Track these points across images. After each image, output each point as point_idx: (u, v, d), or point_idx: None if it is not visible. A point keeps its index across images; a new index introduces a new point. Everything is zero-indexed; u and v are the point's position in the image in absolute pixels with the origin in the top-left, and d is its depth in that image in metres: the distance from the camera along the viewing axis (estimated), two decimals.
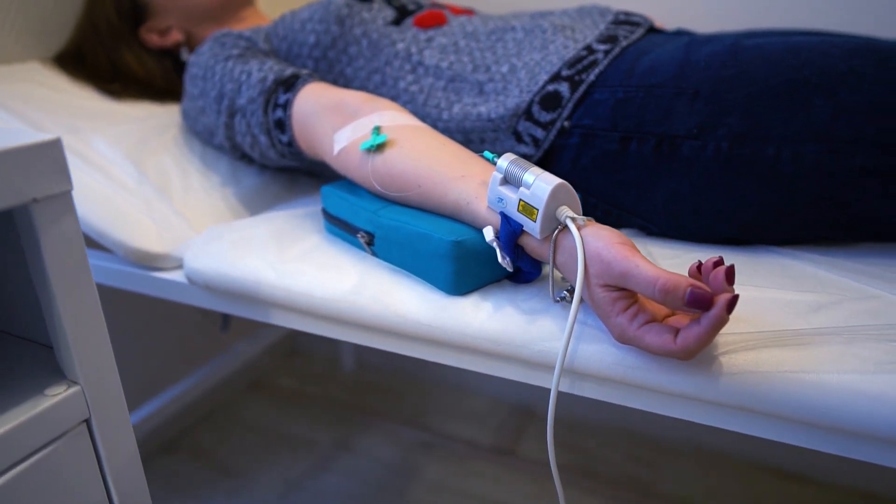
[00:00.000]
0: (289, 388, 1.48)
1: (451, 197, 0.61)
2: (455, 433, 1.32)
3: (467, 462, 1.24)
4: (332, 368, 1.55)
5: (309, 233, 0.73)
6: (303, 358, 1.60)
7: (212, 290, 0.71)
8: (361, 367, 1.55)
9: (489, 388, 1.44)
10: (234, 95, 0.80)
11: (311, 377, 1.53)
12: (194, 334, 1.36)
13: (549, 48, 0.78)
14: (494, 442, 1.29)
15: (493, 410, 1.39)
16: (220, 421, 1.36)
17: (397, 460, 1.25)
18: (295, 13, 0.88)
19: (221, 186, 0.86)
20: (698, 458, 1.22)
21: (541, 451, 1.26)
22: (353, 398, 1.44)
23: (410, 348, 0.61)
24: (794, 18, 1.00)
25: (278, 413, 1.39)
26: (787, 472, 1.17)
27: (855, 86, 0.62)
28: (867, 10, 0.97)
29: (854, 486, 1.13)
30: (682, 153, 0.67)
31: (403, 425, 1.35)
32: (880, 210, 0.63)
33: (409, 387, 1.48)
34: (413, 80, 0.82)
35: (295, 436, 1.32)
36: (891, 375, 0.46)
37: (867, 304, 0.56)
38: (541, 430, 1.32)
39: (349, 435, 1.32)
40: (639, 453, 1.24)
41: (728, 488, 1.15)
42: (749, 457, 1.21)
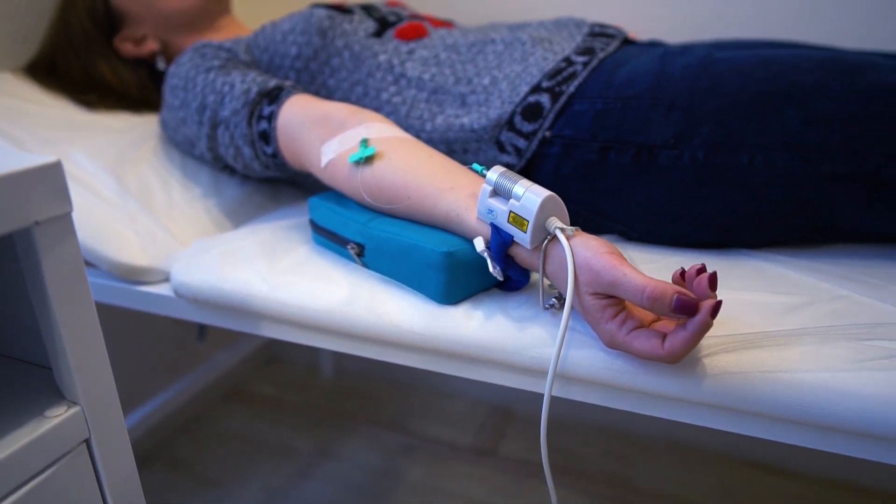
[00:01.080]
0: (268, 396, 1.48)
1: (440, 208, 0.62)
2: (436, 435, 1.34)
3: (449, 463, 1.26)
4: (310, 375, 1.55)
5: (297, 244, 0.73)
6: (281, 365, 1.60)
7: (201, 304, 0.71)
8: (340, 373, 1.56)
9: (468, 390, 1.46)
10: (216, 107, 0.80)
11: (289, 384, 1.52)
12: (170, 345, 1.34)
13: (528, 60, 0.80)
14: (475, 443, 1.31)
15: (473, 412, 1.41)
16: (198, 431, 1.35)
17: (379, 464, 1.26)
18: (276, 24, 0.88)
19: (204, 198, 0.86)
20: (674, 453, 1.26)
21: (521, 450, 1.29)
22: (333, 404, 1.45)
23: (405, 357, 0.63)
24: (759, 29, 1.04)
25: (258, 421, 1.39)
26: (757, 463, 1.22)
27: (823, 97, 0.66)
28: (823, 20, 1.02)
29: (819, 474, 1.18)
30: (659, 162, 0.70)
31: (384, 429, 1.36)
32: (847, 215, 0.67)
33: (388, 391, 1.49)
34: (396, 92, 0.83)
35: (275, 444, 1.32)
36: (860, 373, 0.50)
37: (836, 304, 0.59)
38: (520, 429, 1.34)
39: (330, 441, 1.32)
40: (616, 450, 1.27)
41: (702, 480, 1.19)
42: (722, 450, 1.25)
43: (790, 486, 1.17)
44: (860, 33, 1.00)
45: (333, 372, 1.56)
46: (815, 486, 1.16)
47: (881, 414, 0.48)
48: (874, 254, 0.69)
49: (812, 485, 1.17)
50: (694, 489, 1.17)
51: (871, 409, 0.48)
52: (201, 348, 1.42)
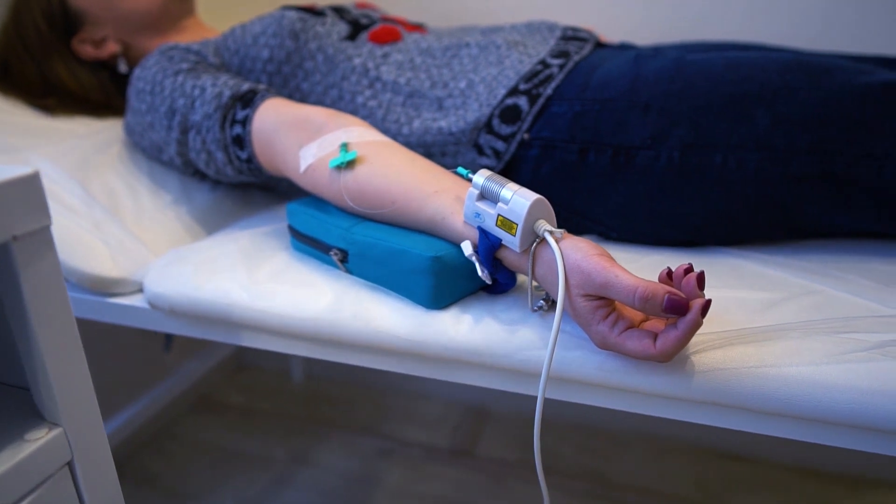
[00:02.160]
0: (238, 405, 1.45)
1: (426, 212, 0.62)
2: (412, 438, 1.33)
3: (426, 466, 1.25)
4: (281, 382, 1.53)
5: (276, 251, 0.72)
6: (250, 372, 1.56)
7: (178, 315, 0.69)
8: (311, 379, 1.54)
9: (442, 391, 1.45)
10: (186, 111, 0.78)
11: (260, 392, 1.49)
12: (136, 357, 1.30)
13: (504, 63, 0.80)
14: (452, 444, 1.31)
15: (448, 413, 1.41)
16: (168, 444, 1.32)
17: (356, 470, 1.25)
18: (245, 27, 0.86)
19: (174, 205, 0.84)
20: (649, 447, 1.28)
21: (498, 449, 1.29)
22: (306, 410, 1.43)
23: (393, 364, 0.62)
24: (723, 30, 1.07)
25: (229, 431, 1.36)
26: (730, 454, 1.25)
27: (790, 99, 0.68)
28: (778, 22, 1.05)
29: (788, 462, 1.22)
30: (637, 162, 0.71)
31: (359, 434, 1.35)
32: (816, 213, 0.69)
33: (361, 395, 1.47)
34: (371, 96, 0.82)
35: (249, 453, 1.29)
36: (841, 365, 0.51)
37: (811, 299, 0.61)
38: (496, 429, 1.35)
39: (305, 448, 1.30)
40: (592, 446, 1.29)
41: (677, 472, 1.22)
42: (695, 442, 1.28)
43: (761, 473, 1.20)
44: (811, 35, 1.03)
45: (304, 377, 1.53)
46: (784, 473, 1.20)
47: (862, 405, 0.49)
48: (841, 249, 0.71)
49: (781, 471, 1.20)
50: (670, 482, 1.20)
51: (852, 400, 0.50)
52: (168, 358, 1.38)
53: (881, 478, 1.16)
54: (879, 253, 0.69)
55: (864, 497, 1.15)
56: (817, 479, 1.18)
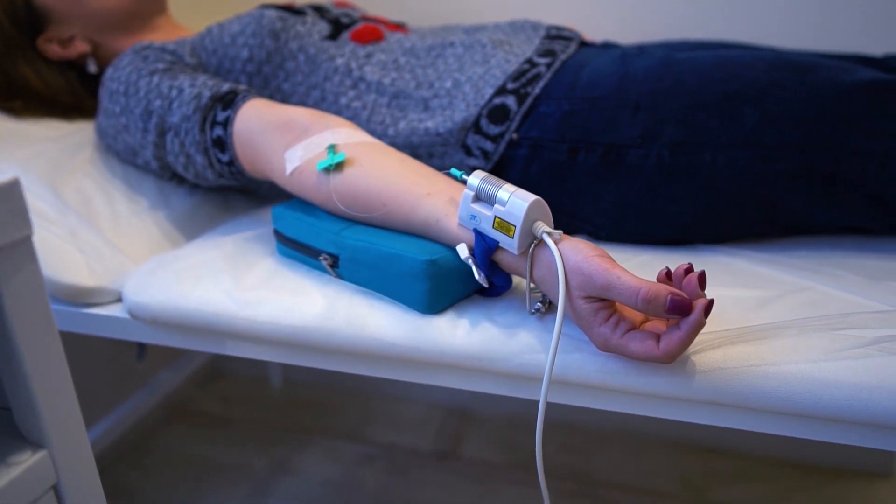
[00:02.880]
0: (215, 414, 1.41)
1: (419, 215, 0.61)
2: (395, 442, 1.32)
3: (410, 470, 1.24)
4: (259, 389, 1.50)
5: (262, 257, 0.70)
6: (227, 380, 1.53)
7: (160, 325, 0.66)
8: (290, 385, 1.51)
9: (423, 394, 1.44)
10: (163, 113, 0.75)
11: (237, 400, 1.46)
12: (107, 367, 1.26)
13: (490, 62, 0.79)
14: (435, 447, 1.30)
15: (430, 416, 1.39)
16: (143, 457, 1.28)
17: (339, 477, 1.23)
18: (223, 26, 0.84)
19: (151, 210, 0.81)
20: (630, 444, 1.29)
21: (482, 451, 1.28)
22: (285, 418, 1.40)
23: (389, 371, 0.61)
24: (704, 31, 1.08)
25: (207, 441, 1.32)
26: (710, 447, 1.26)
27: (777, 96, 0.68)
28: (753, 22, 1.06)
29: (765, 453, 1.24)
30: (627, 161, 0.71)
31: (341, 440, 1.33)
32: (803, 209, 0.70)
33: (341, 400, 1.45)
34: (355, 97, 0.81)
35: (228, 463, 1.26)
36: (839, 362, 0.52)
37: (803, 296, 0.61)
38: (478, 430, 1.34)
39: (286, 456, 1.28)
40: (574, 444, 1.29)
41: (658, 468, 1.23)
42: (675, 437, 1.29)
43: (742, 466, 1.22)
44: (789, 34, 1.05)
45: (283, 383, 1.50)
46: (764, 465, 1.22)
47: (861, 401, 0.50)
48: (828, 245, 0.72)
49: (761, 463, 1.22)
50: (652, 478, 1.20)
51: (852, 396, 0.50)
52: (141, 368, 1.34)
53: (858, 467, 1.19)
54: (866, 248, 0.70)
55: (842, 485, 1.17)
56: (796, 470, 1.20)
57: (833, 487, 1.17)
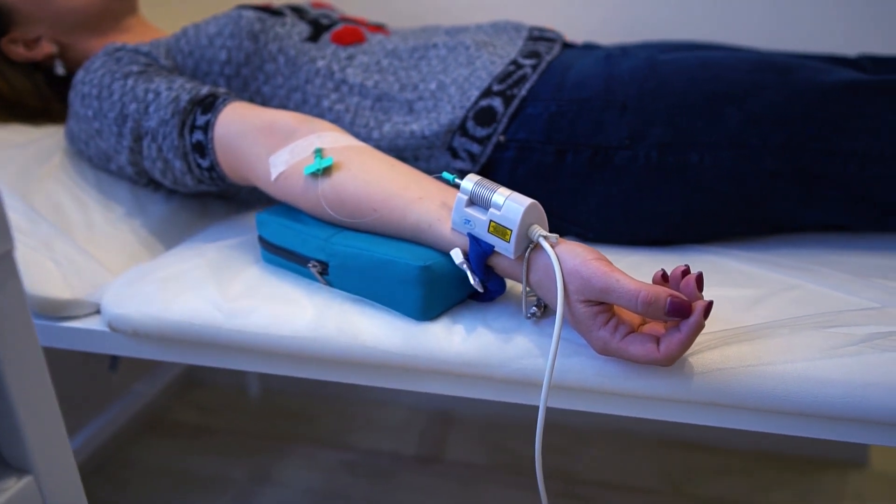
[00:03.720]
0: (191, 424, 1.38)
1: (410, 220, 0.60)
2: (377, 448, 1.30)
3: (395, 475, 1.23)
4: (236, 397, 1.46)
5: (247, 265, 0.68)
6: (203, 389, 1.49)
7: (142, 338, 0.64)
8: (268, 393, 1.48)
9: (403, 398, 1.43)
10: (139, 117, 0.73)
11: (214, 409, 1.43)
12: (79, 380, 1.22)
13: (475, 64, 0.78)
14: (418, 451, 1.29)
15: (412, 420, 1.38)
16: (118, 470, 1.24)
17: (322, 485, 1.21)
18: (199, 27, 0.81)
19: (127, 218, 0.78)
20: (612, 442, 1.30)
21: (466, 454, 1.28)
22: (264, 426, 1.37)
23: (383, 380, 0.59)
24: (674, 31, 1.09)
25: (184, 452, 1.29)
26: (690, 443, 1.28)
27: (761, 97, 0.69)
28: (728, 22, 1.08)
29: (747, 448, 1.26)
30: (615, 162, 0.71)
31: (322, 447, 1.30)
32: (787, 208, 0.71)
33: (321, 407, 1.43)
34: (338, 99, 0.79)
35: (206, 474, 1.23)
36: (833, 360, 0.52)
37: (792, 294, 0.62)
38: (461, 433, 1.33)
39: (266, 466, 1.25)
40: (558, 444, 1.29)
41: (641, 465, 1.24)
42: (656, 433, 1.30)
43: (722, 461, 1.24)
44: (763, 35, 1.07)
45: (260, 391, 1.48)
46: (743, 459, 1.24)
47: (856, 398, 0.50)
48: (811, 243, 0.73)
49: (741, 458, 1.24)
50: (636, 475, 1.21)
51: (847, 394, 0.51)
52: (115, 379, 1.30)
53: (833, 458, 1.21)
54: (848, 246, 0.72)
55: (819, 476, 1.20)
56: (774, 462, 1.22)
57: (811, 478, 1.20)
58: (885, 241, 0.73)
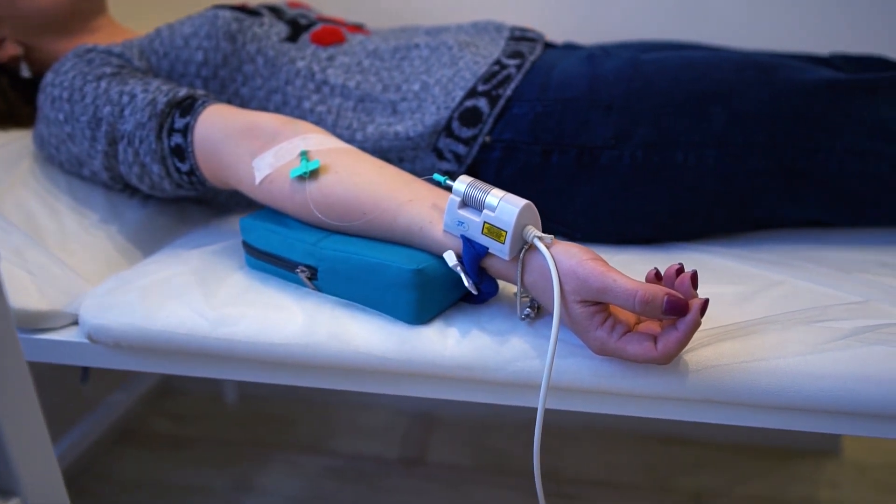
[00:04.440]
0: (167, 434, 1.34)
1: (401, 222, 0.59)
2: (360, 452, 1.29)
3: (379, 479, 1.21)
4: (212, 405, 1.43)
5: (231, 271, 0.66)
6: (178, 397, 1.46)
7: (125, 349, 0.62)
8: (245, 399, 1.45)
9: (384, 400, 1.42)
10: (114, 120, 0.70)
11: (191, 418, 1.39)
12: (48, 391, 1.18)
13: (458, 64, 0.78)
14: (402, 454, 1.28)
15: (394, 422, 1.37)
16: (92, 484, 1.20)
17: (305, 491, 1.19)
18: (174, 28, 0.79)
19: (102, 225, 0.75)
20: (595, 439, 1.30)
21: (450, 455, 1.27)
22: (243, 433, 1.35)
23: (376, 385, 0.59)
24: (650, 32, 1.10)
25: (161, 463, 1.26)
26: (671, 438, 1.30)
27: (744, 96, 0.70)
28: (698, 22, 1.09)
29: (726, 440, 1.28)
30: (601, 162, 0.71)
31: (304, 453, 1.29)
32: (769, 205, 0.72)
33: (300, 412, 1.41)
34: (319, 100, 0.78)
35: (186, 485, 1.20)
36: (824, 354, 0.53)
37: (778, 290, 0.63)
38: (445, 434, 1.33)
39: (247, 474, 1.23)
40: (542, 443, 1.29)
41: (625, 461, 1.25)
42: (638, 429, 1.32)
43: (702, 454, 1.26)
44: (739, 35, 1.08)
45: (238, 398, 1.45)
46: (723, 452, 1.26)
47: (847, 391, 0.51)
48: (792, 239, 0.75)
49: (720, 451, 1.26)
50: (619, 471, 1.22)
51: (838, 388, 0.52)
52: (86, 391, 1.26)
53: (807, 447, 1.24)
54: (827, 241, 0.73)
55: (794, 466, 1.22)
56: (751, 454, 1.25)
57: (786, 468, 1.22)
58: (861, 236, 0.75)
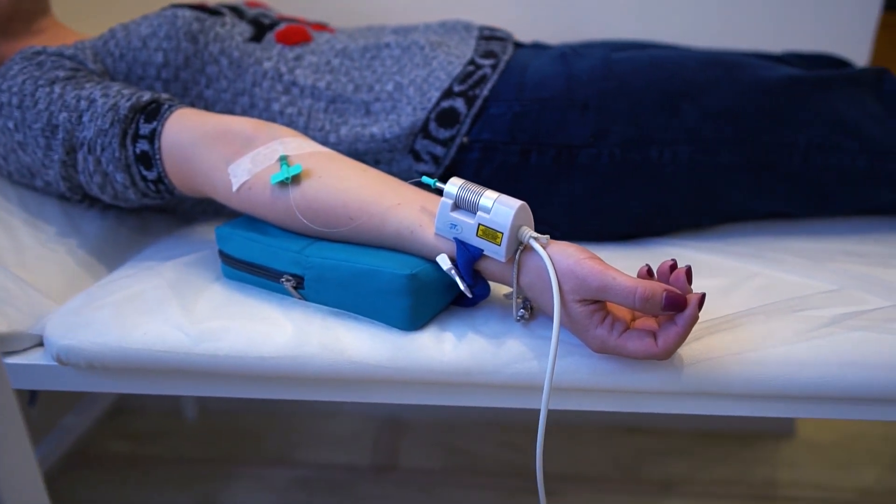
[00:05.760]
0: (124, 455, 1.28)
1: (390, 227, 0.58)
2: (329, 461, 1.26)
3: (351, 488, 1.19)
4: (171, 421, 1.37)
5: (209, 282, 0.63)
6: (133, 415, 1.39)
7: (99, 370, 0.58)
8: (205, 414, 1.40)
9: (351, 406, 1.39)
10: (72, 127, 0.66)
11: (148, 436, 1.33)
12: None
13: (432, 64, 0.77)
14: (373, 461, 1.26)
15: (363, 429, 1.35)
16: None
17: None
18: (129, 28, 0.75)
19: (60, 238, 0.71)
20: (562, 434, 1.32)
21: (421, 459, 1.26)
22: (206, 449, 1.30)
23: (372, 395, 0.57)
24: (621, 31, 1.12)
25: (118, 486, 1.20)
26: (637, 427, 1.32)
27: (712, 93, 0.72)
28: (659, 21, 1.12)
29: (689, 428, 1.32)
30: (579, 161, 0.72)
31: (271, 466, 1.25)
32: (742, 198, 0.74)
33: (264, 424, 1.37)
34: (288, 102, 0.75)
35: None
36: (809, 343, 0.55)
37: (756, 281, 0.65)
38: (415, 439, 1.31)
39: (213, 492, 1.18)
40: (510, 441, 1.30)
41: (593, 453, 1.27)
42: (604, 421, 1.34)
43: (667, 442, 1.29)
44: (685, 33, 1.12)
45: (198, 412, 1.39)
46: (686, 439, 1.30)
47: (833, 377, 0.53)
48: (761, 231, 0.77)
49: (684, 438, 1.30)
50: (588, 463, 1.24)
51: (824, 374, 0.53)
52: (34, 414, 1.18)
53: (764, 430, 1.29)
54: (794, 232, 0.76)
55: (753, 448, 1.27)
56: (713, 440, 1.29)
57: (746, 451, 1.27)
58: (823, 226, 0.78)
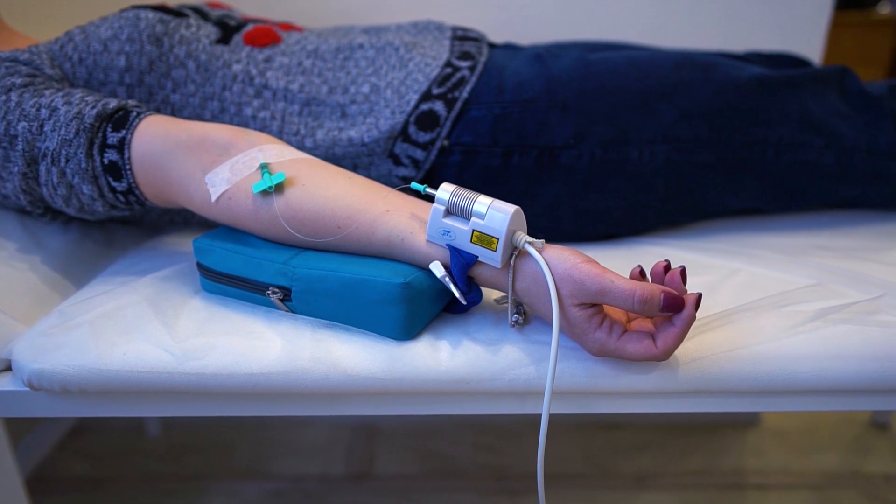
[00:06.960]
0: (83, 477, 1.22)
1: (380, 235, 0.56)
2: (303, 472, 1.23)
3: (326, 498, 1.17)
4: (133, 439, 1.32)
5: (188, 297, 0.61)
6: (91, 434, 1.33)
7: (75, 395, 0.55)
8: (169, 430, 1.35)
9: (323, 416, 1.37)
10: (32, 138, 0.62)
11: (109, 456, 1.27)
12: None
13: (408, 66, 0.75)
14: (348, 469, 1.24)
15: (335, 437, 1.32)
16: None
17: None
18: (88, 31, 0.71)
19: (23, 255, 0.66)
20: (534, 433, 1.32)
21: (396, 465, 1.25)
22: (173, 467, 1.25)
23: (367, 407, 0.56)
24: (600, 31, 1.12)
25: None
26: (607, 423, 1.34)
27: (687, 93, 0.73)
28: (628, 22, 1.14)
29: (657, 422, 1.34)
30: (561, 162, 0.72)
31: (243, 480, 1.21)
32: (717, 196, 0.75)
33: (232, 437, 1.33)
34: (261, 106, 0.73)
35: None
36: (795, 338, 0.56)
37: (737, 278, 0.66)
38: (388, 445, 1.30)
39: None
40: (485, 442, 1.30)
41: (566, 451, 1.28)
42: (576, 419, 1.35)
43: (638, 437, 1.31)
44: (653, 34, 1.13)
45: (161, 428, 1.34)
46: (655, 433, 1.32)
47: (823, 370, 0.55)
48: (736, 227, 0.79)
49: (653, 432, 1.32)
50: (563, 461, 1.25)
51: (814, 367, 0.55)
52: None
53: (730, 420, 1.33)
54: (764, 228, 0.78)
55: (720, 438, 1.31)
56: (682, 432, 1.32)
57: (714, 442, 1.30)
58: (794, 221, 0.81)
